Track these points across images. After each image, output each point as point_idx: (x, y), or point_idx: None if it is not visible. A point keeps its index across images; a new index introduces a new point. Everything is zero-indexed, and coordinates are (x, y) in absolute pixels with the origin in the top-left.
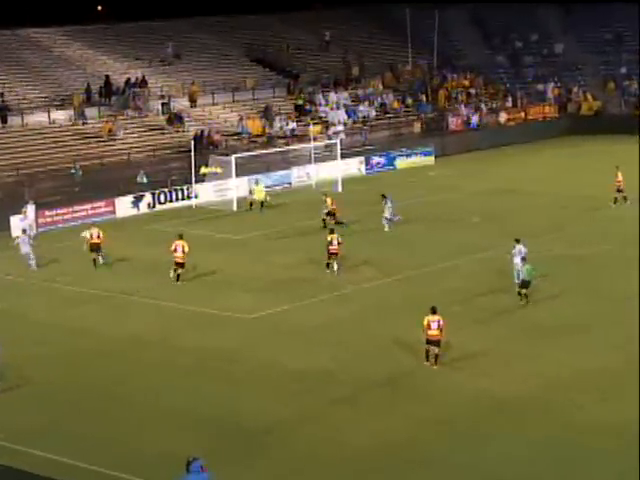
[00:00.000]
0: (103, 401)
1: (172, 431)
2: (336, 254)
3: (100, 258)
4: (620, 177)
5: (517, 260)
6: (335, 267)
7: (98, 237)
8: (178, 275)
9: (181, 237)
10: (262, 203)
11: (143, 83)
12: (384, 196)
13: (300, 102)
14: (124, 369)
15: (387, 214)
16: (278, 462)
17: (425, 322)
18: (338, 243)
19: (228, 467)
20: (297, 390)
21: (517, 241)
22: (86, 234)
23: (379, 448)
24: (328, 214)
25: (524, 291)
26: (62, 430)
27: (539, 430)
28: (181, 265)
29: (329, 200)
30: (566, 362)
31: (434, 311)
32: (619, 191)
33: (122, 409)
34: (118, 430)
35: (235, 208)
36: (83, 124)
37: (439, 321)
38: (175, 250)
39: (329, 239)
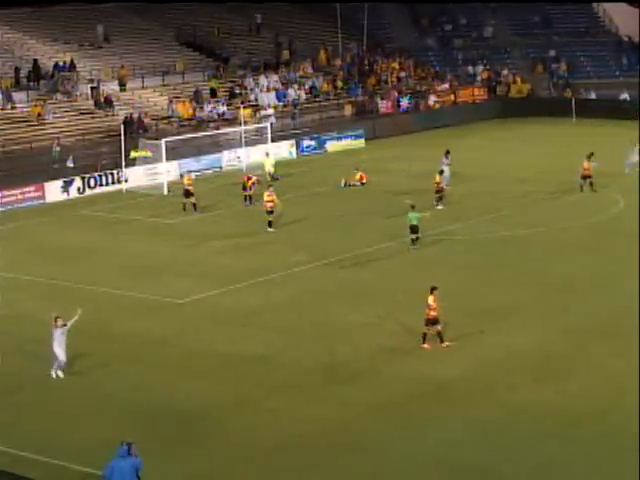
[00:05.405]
0: (38, 390)
1: (110, 418)
2: (442, 190)
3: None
4: (587, 165)
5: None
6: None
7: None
8: (270, 222)
9: (270, 186)
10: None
11: (72, 67)
12: None
13: (214, 85)
14: None
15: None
16: (213, 449)
17: None
18: (436, 183)
19: (164, 453)
20: (232, 376)
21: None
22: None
23: (315, 434)
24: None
25: (414, 236)
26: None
27: (477, 413)
28: (271, 212)
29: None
30: (501, 344)
31: (431, 290)
32: (584, 178)
33: (58, 397)
34: (56, 419)
35: (166, 192)
36: (12, 108)
37: (429, 300)
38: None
39: (436, 179)
